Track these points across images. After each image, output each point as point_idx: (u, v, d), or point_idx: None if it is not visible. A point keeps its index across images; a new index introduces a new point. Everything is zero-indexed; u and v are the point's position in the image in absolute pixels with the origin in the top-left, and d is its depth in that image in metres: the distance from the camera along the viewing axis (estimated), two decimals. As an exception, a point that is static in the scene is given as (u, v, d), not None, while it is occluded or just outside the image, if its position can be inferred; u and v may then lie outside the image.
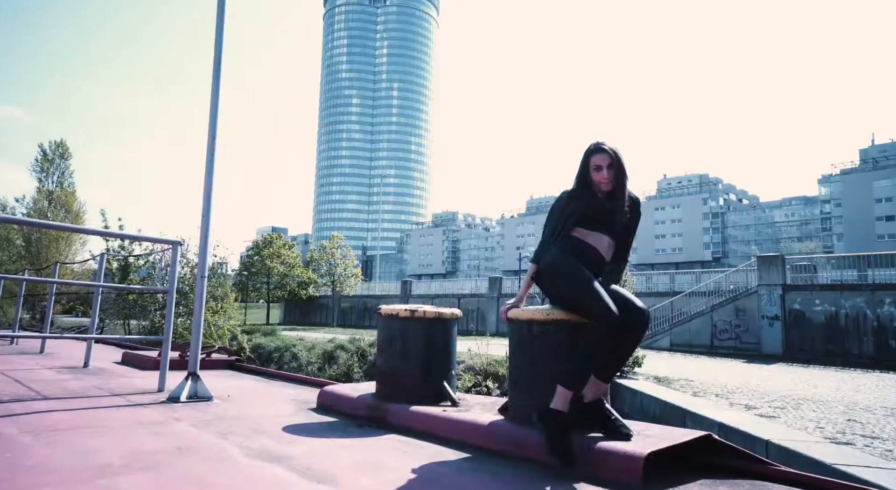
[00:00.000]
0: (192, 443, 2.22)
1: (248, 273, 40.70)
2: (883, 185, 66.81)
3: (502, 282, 30.75)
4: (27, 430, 2.29)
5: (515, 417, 2.34)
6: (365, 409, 2.86)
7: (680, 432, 2.14)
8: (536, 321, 2.31)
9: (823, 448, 5.23)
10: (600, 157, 2.45)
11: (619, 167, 2.47)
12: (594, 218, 2.48)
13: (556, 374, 2.19)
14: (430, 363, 2.88)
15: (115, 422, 2.56)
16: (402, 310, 2.90)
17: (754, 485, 1.90)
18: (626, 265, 2.73)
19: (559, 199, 2.61)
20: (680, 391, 9.58)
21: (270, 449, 2.17)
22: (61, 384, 3.68)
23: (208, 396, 3.25)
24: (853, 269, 18.37)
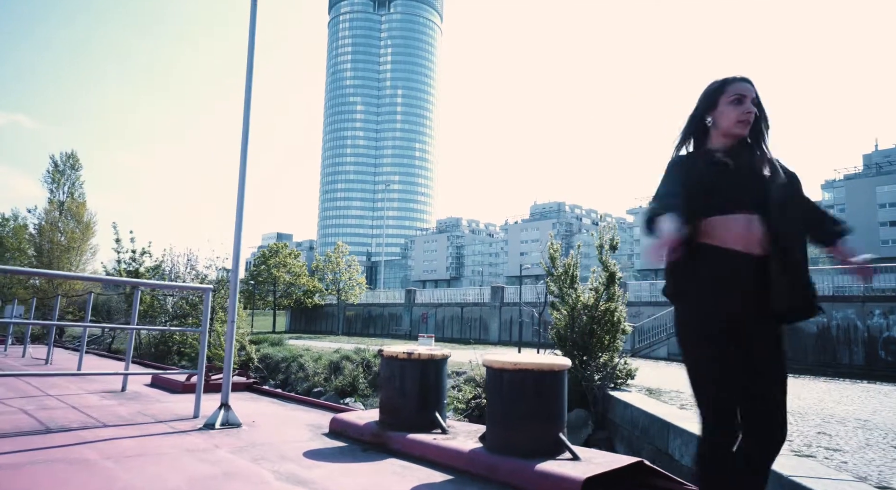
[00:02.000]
0: (234, 469, 2.81)
1: (255, 282, 41.46)
2: (886, 191, 67.08)
3: (504, 290, 31.34)
4: (106, 456, 2.89)
5: (491, 446, 2.93)
6: (370, 436, 3.45)
7: (618, 459, 2.73)
8: (506, 370, 2.90)
9: (785, 460, 5.73)
10: (743, 86, 1.86)
11: (761, 108, 1.89)
12: (737, 187, 1.77)
13: (522, 412, 2.78)
14: (423, 397, 3.47)
15: (169, 449, 3.16)
16: (400, 353, 3.49)
17: (669, 501, 2.48)
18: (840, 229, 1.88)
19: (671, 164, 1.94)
20: (668, 403, 10.09)
21: (296, 473, 2.76)
22: (111, 410, 4.30)
23: (238, 423, 3.85)
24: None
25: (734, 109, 1.84)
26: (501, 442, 2.86)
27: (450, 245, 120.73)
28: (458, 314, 33.31)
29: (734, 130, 1.85)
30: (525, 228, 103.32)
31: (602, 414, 11.16)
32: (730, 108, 1.85)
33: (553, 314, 12.15)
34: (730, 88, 1.86)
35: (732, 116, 1.84)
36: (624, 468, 2.64)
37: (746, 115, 1.83)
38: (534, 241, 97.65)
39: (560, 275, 12.25)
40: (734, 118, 1.84)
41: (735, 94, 1.85)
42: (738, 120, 1.84)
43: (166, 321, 19.66)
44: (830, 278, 18.49)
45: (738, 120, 1.84)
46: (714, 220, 1.76)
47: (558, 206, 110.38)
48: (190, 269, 21.19)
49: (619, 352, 11.86)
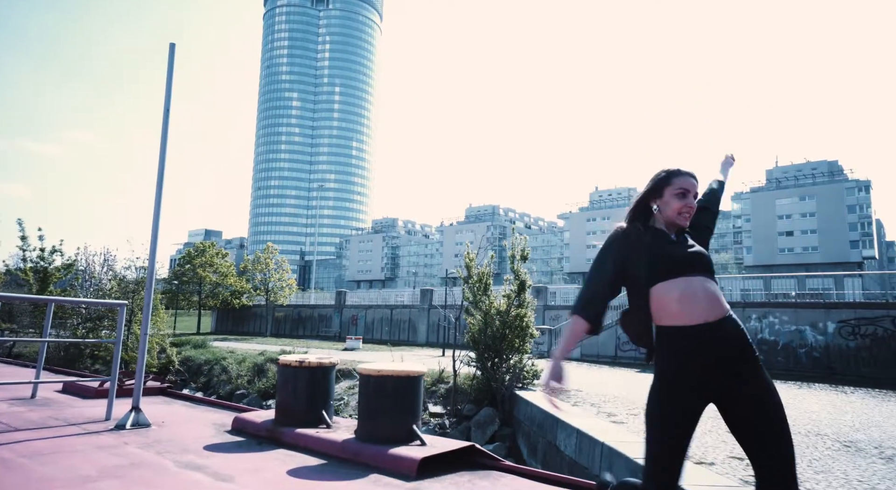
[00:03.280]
0: (140, 460, 3.35)
1: (179, 282, 40.08)
2: (784, 203, 73.63)
3: (433, 293, 32.19)
4: (20, 455, 3.33)
5: (360, 436, 3.63)
6: (265, 432, 4.06)
7: (454, 443, 3.50)
8: (372, 375, 3.61)
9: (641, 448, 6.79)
10: (687, 180, 2.03)
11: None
12: (679, 255, 1.94)
13: (384, 409, 3.49)
14: (312, 398, 4.12)
15: (81, 447, 3.62)
16: (293, 361, 4.12)
17: (488, 473, 3.27)
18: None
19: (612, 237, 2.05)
20: (564, 401, 11.18)
21: (194, 461, 3.34)
22: (22, 416, 4.62)
23: (148, 424, 4.33)
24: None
25: (678, 201, 1.99)
26: (368, 433, 3.57)
27: (385, 245, 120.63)
28: (388, 316, 33.84)
29: (677, 221, 2.00)
30: (460, 230, 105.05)
31: (509, 412, 12.14)
32: (674, 199, 2.00)
33: (468, 319, 13.02)
34: (676, 181, 2.01)
35: (676, 208, 1.99)
36: (460, 449, 3.41)
37: (688, 209, 1.99)
38: (469, 243, 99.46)
39: (475, 282, 13.16)
40: (676, 210, 1.99)
41: (680, 187, 2.00)
42: (678, 212, 1.99)
43: (79, 323, 18.91)
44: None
45: (680, 212, 1.99)
46: (664, 286, 1.86)
47: (493, 209, 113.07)
48: (107, 270, 20.47)
49: (528, 354, 12.90)
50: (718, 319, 1.81)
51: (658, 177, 2.07)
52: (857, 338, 15.23)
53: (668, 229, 2.03)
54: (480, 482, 3.08)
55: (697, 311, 1.81)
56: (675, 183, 2.01)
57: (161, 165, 4.31)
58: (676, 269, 1.87)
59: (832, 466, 5.70)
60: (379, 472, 3.19)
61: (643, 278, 1.90)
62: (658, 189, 2.05)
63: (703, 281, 1.86)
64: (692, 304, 1.82)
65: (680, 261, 1.89)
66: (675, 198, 2.00)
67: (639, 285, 1.92)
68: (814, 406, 10.16)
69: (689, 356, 1.80)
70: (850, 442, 6.98)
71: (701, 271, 1.89)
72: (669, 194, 2.01)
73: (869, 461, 5.98)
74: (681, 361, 1.81)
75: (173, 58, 4.43)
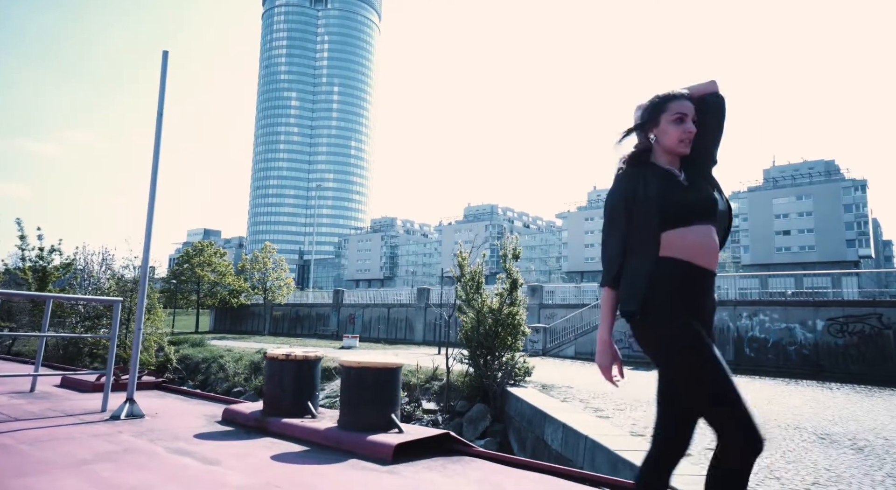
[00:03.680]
0: (133, 446, 3.55)
1: (178, 281, 40.25)
2: (781, 203, 73.89)
3: (430, 292, 32.37)
4: (20, 442, 3.53)
5: (342, 425, 3.83)
6: (253, 422, 4.26)
7: (429, 431, 3.70)
8: (353, 367, 3.81)
9: (622, 440, 7.04)
10: (684, 104, 1.88)
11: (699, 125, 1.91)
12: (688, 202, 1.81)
13: (364, 400, 3.69)
14: (299, 389, 4.32)
15: (78, 435, 3.82)
16: (280, 355, 4.32)
17: (461, 459, 3.47)
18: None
19: (617, 184, 1.92)
20: (554, 397, 11.40)
21: (184, 448, 3.54)
22: (21, 408, 4.82)
23: (141, 415, 4.53)
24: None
25: (676, 128, 1.84)
26: (349, 422, 3.77)
27: (384, 245, 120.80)
28: (385, 315, 34.04)
29: (677, 149, 1.86)
30: (459, 229, 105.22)
31: (500, 408, 12.35)
32: (672, 126, 1.85)
33: (461, 317, 13.24)
34: (671, 106, 1.86)
35: (675, 135, 1.84)
36: (435, 436, 3.61)
37: (688, 135, 1.84)
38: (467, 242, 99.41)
39: (467, 281, 13.37)
40: (676, 137, 1.84)
41: (677, 112, 1.85)
42: (679, 139, 1.84)
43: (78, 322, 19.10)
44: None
45: (680, 139, 1.84)
46: (676, 233, 1.77)
47: (491, 209, 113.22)
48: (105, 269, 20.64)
49: (520, 352, 13.11)
50: (713, 272, 1.81)
51: (652, 103, 1.92)
52: (846, 335, 15.45)
53: (669, 162, 1.89)
54: (452, 466, 3.28)
55: (703, 256, 1.76)
56: (670, 108, 1.87)
57: (154, 171, 4.51)
58: (692, 216, 1.78)
59: (804, 457, 5.91)
60: (358, 457, 3.39)
61: (654, 225, 1.79)
62: (653, 117, 1.90)
63: (712, 231, 1.80)
64: (701, 249, 1.76)
65: (695, 207, 1.79)
66: (672, 124, 1.86)
67: (648, 229, 1.80)
68: (798, 402, 10.37)
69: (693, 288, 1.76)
70: (826, 434, 7.18)
71: (712, 219, 1.81)
72: (666, 121, 1.87)
73: (840, 452, 6.19)
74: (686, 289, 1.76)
75: (166, 65, 4.62)
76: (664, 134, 1.88)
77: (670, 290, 1.76)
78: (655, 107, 1.91)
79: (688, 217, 1.78)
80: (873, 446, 6.49)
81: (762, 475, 5.13)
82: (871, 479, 5.03)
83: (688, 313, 1.75)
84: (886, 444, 6.59)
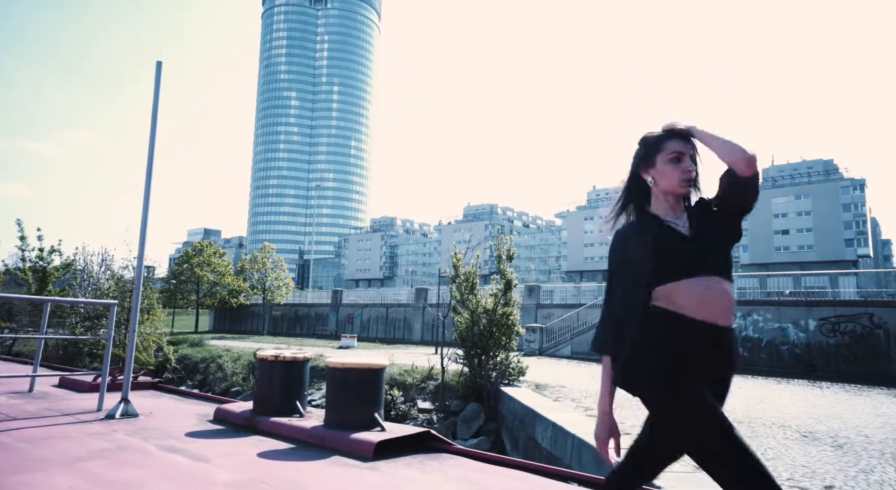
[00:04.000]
0: (126, 444, 3.70)
1: (177, 281, 40.42)
2: (780, 202, 74.00)
3: (427, 292, 32.54)
4: (18, 440, 3.68)
5: (328, 424, 3.98)
6: (244, 421, 4.41)
7: (410, 429, 3.85)
8: (338, 368, 3.96)
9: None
10: (680, 143, 1.74)
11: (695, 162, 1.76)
12: (682, 252, 1.65)
13: (348, 399, 3.84)
14: (287, 389, 4.47)
15: (73, 433, 3.97)
16: (269, 356, 4.47)
17: (440, 455, 3.62)
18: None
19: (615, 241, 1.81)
20: (546, 397, 11.55)
21: (175, 445, 3.69)
22: (19, 407, 4.97)
23: (136, 414, 4.68)
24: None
25: (674, 169, 1.71)
26: (334, 420, 3.92)
27: (384, 244, 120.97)
28: (384, 315, 34.20)
29: (678, 190, 1.72)
30: (458, 229, 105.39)
31: (494, 407, 12.50)
32: (669, 167, 1.72)
33: (455, 318, 13.38)
34: (667, 146, 1.73)
35: (675, 177, 1.71)
36: (416, 435, 3.76)
37: (688, 174, 1.71)
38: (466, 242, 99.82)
39: (462, 282, 13.51)
40: (677, 178, 1.71)
41: (673, 152, 1.72)
42: (680, 179, 1.71)
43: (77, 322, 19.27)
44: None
45: (681, 179, 1.71)
46: (672, 286, 1.61)
47: (491, 208, 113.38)
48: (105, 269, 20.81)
49: (514, 351, 13.26)
50: (726, 327, 1.60)
51: (646, 143, 1.79)
52: (837, 335, 15.59)
53: (671, 205, 1.74)
54: (431, 463, 3.43)
55: (710, 309, 1.58)
56: (666, 147, 1.73)
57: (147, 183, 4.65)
58: (686, 268, 1.61)
59: (784, 454, 6.06)
60: (341, 454, 3.55)
61: (646, 277, 1.65)
62: (648, 158, 1.77)
63: (721, 282, 1.60)
64: (705, 303, 1.57)
65: (691, 259, 1.62)
66: (669, 165, 1.72)
67: (639, 284, 1.66)
68: (787, 400, 10.52)
69: (689, 342, 1.56)
70: (810, 432, 7.33)
71: (716, 270, 1.61)
72: (662, 162, 1.73)
73: (820, 449, 6.34)
74: (679, 343, 1.57)
75: (160, 76, 4.77)
76: (662, 176, 1.74)
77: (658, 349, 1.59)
78: (650, 148, 1.77)
79: (685, 270, 1.61)
80: (853, 444, 6.64)
81: (740, 472, 5.28)
82: (844, 475, 5.18)
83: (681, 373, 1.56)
84: (866, 442, 6.74)
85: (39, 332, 6.09)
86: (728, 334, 1.62)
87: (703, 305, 1.58)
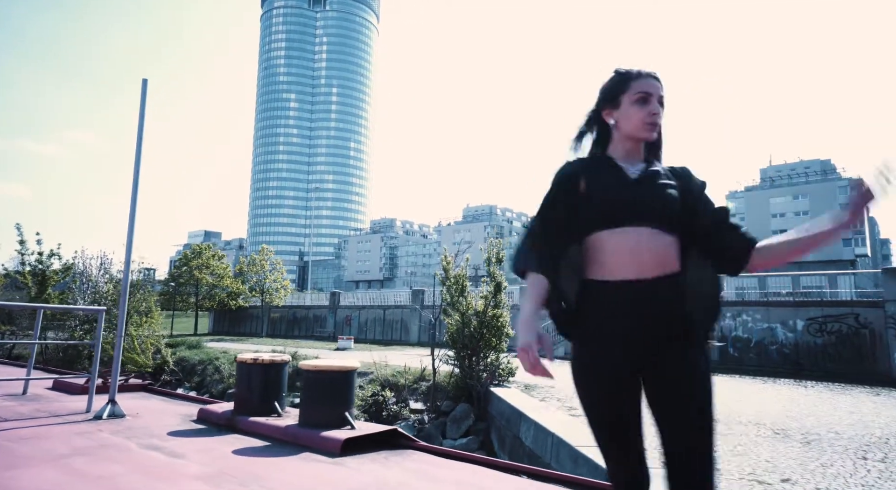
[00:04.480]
0: (109, 442, 3.92)
1: (177, 284, 40.68)
2: (778, 202, 74.19)
3: (424, 293, 32.75)
4: (8, 439, 3.91)
5: (301, 422, 4.20)
6: (224, 421, 4.63)
7: (378, 427, 4.07)
8: (311, 370, 4.18)
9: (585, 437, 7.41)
10: (648, 82, 1.59)
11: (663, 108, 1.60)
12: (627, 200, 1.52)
13: (321, 399, 4.07)
14: (266, 390, 4.69)
15: (61, 433, 4.20)
16: (248, 358, 4.69)
17: (405, 452, 3.84)
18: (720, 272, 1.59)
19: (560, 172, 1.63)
20: (534, 397, 11.77)
21: (156, 443, 3.91)
22: (12, 409, 5.20)
23: (122, 415, 4.90)
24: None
25: (639, 110, 1.55)
26: (308, 419, 4.15)
27: (383, 245, 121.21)
28: (381, 316, 34.42)
29: (640, 134, 1.57)
30: (458, 230, 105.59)
31: (484, 408, 12.72)
32: (634, 108, 1.56)
33: (446, 320, 13.61)
34: (634, 85, 1.57)
35: (637, 118, 1.56)
36: (383, 432, 3.99)
37: (653, 117, 1.55)
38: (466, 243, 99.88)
39: (452, 284, 13.74)
40: (640, 119, 1.55)
41: (639, 91, 1.56)
42: (644, 122, 1.55)
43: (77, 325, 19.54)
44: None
45: (645, 122, 1.55)
46: (600, 237, 1.50)
47: (490, 209, 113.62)
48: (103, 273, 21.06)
49: (504, 353, 13.48)
50: (653, 277, 1.45)
51: (612, 81, 1.63)
52: (824, 335, 15.80)
53: (629, 150, 1.60)
54: (394, 458, 3.66)
55: (629, 264, 1.46)
56: (633, 87, 1.57)
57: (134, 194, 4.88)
58: (621, 216, 1.49)
59: (752, 451, 6.27)
60: (311, 450, 3.77)
61: (581, 224, 1.53)
62: (613, 98, 1.61)
63: (652, 234, 1.47)
64: (625, 256, 1.46)
65: (628, 206, 1.49)
66: (635, 105, 1.56)
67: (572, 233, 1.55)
68: (768, 399, 10.73)
69: (610, 315, 1.46)
70: (782, 429, 7.55)
71: (653, 221, 1.48)
72: (628, 102, 1.57)
73: (789, 445, 6.55)
74: (600, 321, 1.48)
75: (146, 93, 4.98)
76: (625, 117, 1.59)
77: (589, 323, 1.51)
78: (615, 86, 1.61)
79: (619, 217, 1.49)
80: (821, 440, 6.85)
81: (705, 468, 5.49)
82: (803, 469, 5.40)
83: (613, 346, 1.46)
84: (834, 438, 6.95)
85: (33, 337, 6.32)
86: (663, 286, 1.46)
87: (629, 261, 1.46)
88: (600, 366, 1.49)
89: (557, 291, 1.54)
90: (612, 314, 1.48)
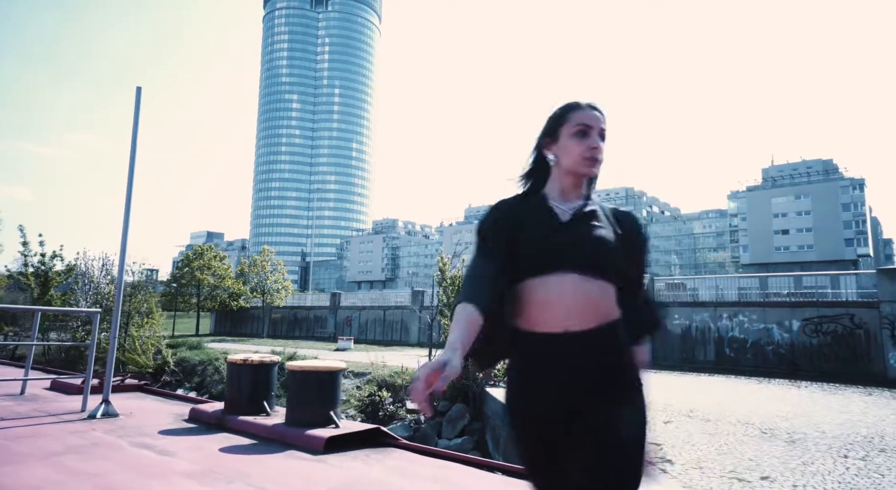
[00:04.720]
0: (101, 441, 4.05)
1: (178, 284, 40.90)
2: (780, 202, 74.09)
3: (424, 294, 32.87)
4: (5, 438, 4.04)
5: (288, 421, 4.33)
6: (215, 420, 4.76)
7: (361, 426, 4.19)
8: (296, 370, 4.31)
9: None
10: (588, 114, 1.51)
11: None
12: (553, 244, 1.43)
13: (307, 399, 4.19)
14: (255, 391, 4.82)
15: (55, 432, 4.33)
16: (238, 359, 4.82)
17: (387, 449, 3.96)
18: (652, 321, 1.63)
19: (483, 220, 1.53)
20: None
21: (146, 442, 4.04)
22: (9, 408, 5.34)
23: (116, 414, 5.03)
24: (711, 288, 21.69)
25: (578, 143, 1.47)
26: (294, 418, 4.27)
27: (385, 246, 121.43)
28: (381, 317, 34.56)
29: (580, 169, 1.49)
30: (459, 230, 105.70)
31: (479, 408, 12.84)
32: (573, 141, 1.48)
33: (442, 321, 13.73)
34: (573, 116, 1.50)
35: (577, 152, 1.47)
36: (367, 431, 4.11)
37: (592, 152, 1.47)
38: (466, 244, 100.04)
39: (448, 285, 13.86)
40: (578, 155, 1.47)
41: (578, 124, 1.48)
42: (582, 156, 1.47)
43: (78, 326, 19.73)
44: (693, 285, 21.30)
45: (584, 156, 1.47)
46: (527, 286, 1.40)
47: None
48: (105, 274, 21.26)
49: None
50: (582, 330, 1.36)
51: (551, 116, 1.55)
52: (819, 335, 15.86)
53: (569, 186, 1.52)
54: (376, 455, 3.78)
55: (556, 316, 1.37)
56: (571, 119, 1.49)
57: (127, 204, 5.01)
58: (546, 262, 1.40)
59: (737, 449, 6.38)
60: (296, 448, 3.89)
61: (509, 271, 1.41)
62: (552, 131, 1.53)
63: (581, 280, 1.37)
64: (552, 307, 1.37)
65: (553, 251, 1.40)
66: (573, 139, 1.48)
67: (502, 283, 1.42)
68: (761, 399, 10.82)
69: (540, 369, 1.38)
70: (770, 429, 7.64)
71: (583, 267, 1.39)
72: (567, 135, 1.49)
73: (774, 444, 6.65)
74: (530, 375, 1.39)
75: (139, 101, 5.11)
76: (564, 152, 1.50)
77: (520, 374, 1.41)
78: (554, 119, 1.53)
79: (548, 263, 1.39)
80: (806, 439, 6.95)
81: (688, 466, 5.60)
82: (784, 467, 5.50)
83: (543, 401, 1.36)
84: (819, 437, 7.05)
85: (31, 338, 6.46)
86: (594, 337, 1.37)
87: (556, 313, 1.37)
88: (532, 415, 1.40)
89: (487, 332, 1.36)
90: (542, 367, 1.39)
